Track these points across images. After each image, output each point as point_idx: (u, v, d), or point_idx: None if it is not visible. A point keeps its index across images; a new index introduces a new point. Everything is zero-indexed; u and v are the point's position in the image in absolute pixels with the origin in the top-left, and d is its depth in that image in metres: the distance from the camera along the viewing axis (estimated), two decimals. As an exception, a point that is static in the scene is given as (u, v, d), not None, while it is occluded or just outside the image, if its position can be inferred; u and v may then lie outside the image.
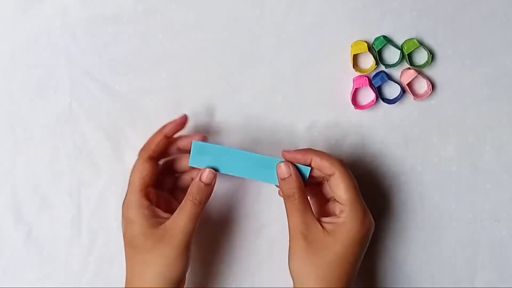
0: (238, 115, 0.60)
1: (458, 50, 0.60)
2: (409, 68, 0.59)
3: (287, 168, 0.53)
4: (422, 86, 0.60)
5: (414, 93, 0.60)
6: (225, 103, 0.60)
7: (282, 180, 0.53)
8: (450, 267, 0.61)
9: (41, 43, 0.59)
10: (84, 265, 0.60)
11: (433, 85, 0.60)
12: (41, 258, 0.60)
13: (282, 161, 0.53)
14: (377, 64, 0.59)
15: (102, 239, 0.60)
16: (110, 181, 0.60)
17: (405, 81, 0.59)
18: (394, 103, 0.60)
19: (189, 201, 0.52)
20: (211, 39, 0.59)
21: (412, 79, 0.59)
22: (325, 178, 0.54)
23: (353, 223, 0.51)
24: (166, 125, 0.55)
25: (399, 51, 0.59)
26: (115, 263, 0.60)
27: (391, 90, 0.60)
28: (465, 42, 0.60)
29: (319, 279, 0.51)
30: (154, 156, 0.54)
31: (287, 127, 0.60)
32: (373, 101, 0.59)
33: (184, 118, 0.55)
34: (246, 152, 0.53)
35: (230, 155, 0.53)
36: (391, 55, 0.60)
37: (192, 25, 0.59)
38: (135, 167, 0.54)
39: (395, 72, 0.60)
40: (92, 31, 0.59)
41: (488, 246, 0.61)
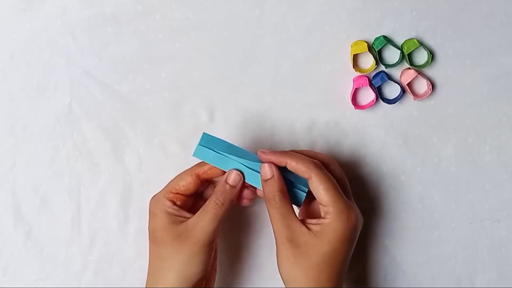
0: (238, 115, 0.60)
1: (458, 50, 0.60)
2: (409, 68, 0.59)
3: (270, 169, 0.52)
4: (422, 86, 0.60)
5: (414, 93, 0.60)
6: (225, 103, 0.60)
7: (265, 181, 0.52)
8: (450, 267, 0.61)
9: (41, 43, 0.59)
10: (84, 265, 0.60)
11: (433, 85, 0.60)
12: (41, 258, 0.60)
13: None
14: (377, 64, 0.59)
15: (102, 239, 0.60)
16: (110, 181, 0.60)
17: (405, 81, 0.59)
18: (394, 103, 0.60)
19: (212, 201, 0.52)
20: (211, 39, 0.59)
21: (412, 79, 0.59)
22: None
23: (339, 223, 0.51)
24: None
25: (399, 51, 0.59)
26: (115, 263, 0.60)
27: (391, 90, 0.60)
28: (465, 42, 0.60)
29: (310, 281, 0.50)
30: (200, 176, 0.54)
31: (287, 127, 0.60)
32: (373, 101, 0.59)
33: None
34: (250, 153, 0.53)
35: (235, 153, 0.53)
36: (391, 55, 0.60)
37: (192, 25, 0.59)
38: (181, 173, 0.54)
39: (395, 72, 0.60)
40: (92, 31, 0.59)
41: (488, 246, 0.61)
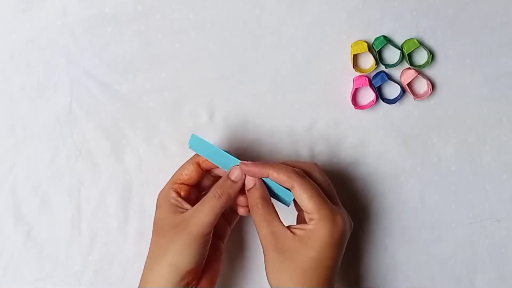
0: (238, 115, 0.60)
1: (458, 50, 0.60)
2: (409, 68, 0.59)
3: (252, 179, 0.53)
4: (422, 86, 0.60)
5: (414, 93, 0.60)
6: (225, 103, 0.60)
7: (248, 191, 0.53)
8: (450, 267, 0.61)
9: (41, 43, 0.59)
10: (84, 265, 0.60)
11: (433, 85, 0.60)
12: (41, 258, 0.60)
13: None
14: (377, 64, 0.59)
15: (102, 239, 0.60)
16: (110, 181, 0.60)
17: (405, 81, 0.59)
18: (394, 103, 0.60)
19: (210, 193, 0.52)
20: (211, 39, 0.59)
21: (412, 79, 0.59)
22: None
23: (323, 229, 0.50)
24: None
25: (399, 51, 0.59)
26: (115, 263, 0.60)
27: (391, 90, 0.60)
28: (465, 42, 0.60)
29: (296, 286, 0.50)
30: (201, 165, 0.55)
31: (287, 127, 0.60)
32: (373, 101, 0.59)
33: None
34: (232, 157, 0.53)
35: (220, 158, 0.53)
36: (391, 55, 0.60)
37: (192, 25, 0.59)
38: (183, 164, 0.55)
39: (395, 72, 0.60)
40: (92, 31, 0.59)
41: (488, 246, 0.61)
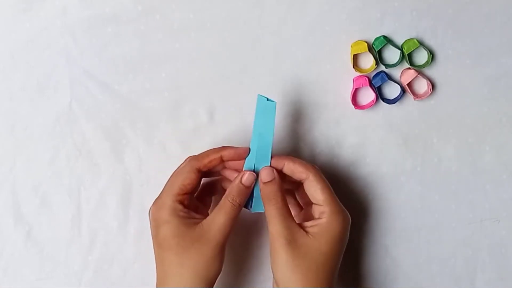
0: (238, 115, 0.60)
1: (458, 50, 0.60)
2: (409, 68, 0.59)
3: (271, 172, 0.53)
4: (422, 86, 0.60)
5: (414, 93, 0.60)
6: (225, 103, 0.60)
7: (264, 184, 0.53)
8: (450, 267, 0.61)
9: (41, 43, 0.59)
10: (84, 265, 0.60)
11: (433, 85, 0.60)
12: (41, 258, 0.60)
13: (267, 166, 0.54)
14: (377, 64, 0.59)
15: (102, 239, 0.60)
16: (110, 181, 0.60)
17: (405, 81, 0.59)
18: (394, 103, 0.60)
19: (228, 202, 0.52)
20: (211, 39, 0.59)
21: (412, 79, 0.59)
22: (299, 184, 0.55)
23: (335, 222, 0.52)
24: (227, 148, 0.54)
25: (399, 51, 0.59)
26: (115, 263, 0.60)
27: (391, 90, 0.60)
28: (465, 42, 0.60)
29: (309, 283, 0.50)
30: (202, 170, 0.54)
31: (287, 127, 0.60)
32: (373, 101, 0.59)
33: (246, 150, 0.54)
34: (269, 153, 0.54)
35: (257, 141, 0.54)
36: (391, 55, 0.60)
37: (192, 25, 0.59)
38: (179, 172, 0.53)
39: (395, 72, 0.60)
40: (92, 31, 0.59)
41: (488, 246, 0.61)
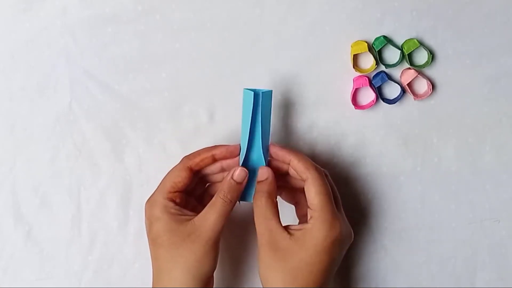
0: (238, 115, 0.60)
1: (458, 50, 0.60)
2: (409, 68, 0.59)
3: (267, 172, 0.53)
4: (422, 86, 0.60)
5: (414, 93, 0.60)
6: (225, 103, 0.60)
7: (259, 182, 0.53)
8: (450, 267, 0.61)
9: (41, 43, 0.59)
10: (84, 265, 0.60)
11: (433, 85, 0.60)
12: (41, 258, 0.60)
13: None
14: (377, 64, 0.59)
15: (102, 239, 0.60)
16: (110, 181, 0.60)
17: (405, 81, 0.59)
18: (394, 103, 0.60)
19: (220, 198, 0.52)
20: (211, 39, 0.59)
21: (412, 79, 0.59)
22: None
23: (319, 230, 0.50)
24: (218, 147, 0.54)
25: (399, 51, 0.59)
26: (115, 263, 0.60)
27: (391, 90, 0.60)
28: (465, 42, 0.60)
29: (285, 285, 0.50)
30: (193, 169, 0.54)
31: (287, 127, 0.60)
32: (373, 101, 0.59)
33: (237, 148, 0.54)
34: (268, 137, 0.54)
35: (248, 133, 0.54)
36: (391, 55, 0.60)
37: (192, 25, 0.59)
38: (171, 171, 0.54)
39: (395, 72, 0.60)
40: (92, 31, 0.59)
41: (488, 246, 0.61)
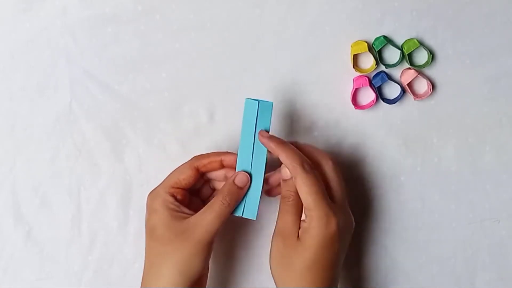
0: (238, 115, 0.60)
1: (458, 50, 0.60)
2: (409, 68, 0.59)
3: (287, 171, 0.53)
4: (422, 86, 0.60)
5: (414, 93, 0.60)
6: (225, 103, 0.60)
7: (284, 181, 0.53)
8: (450, 267, 0.61)
9: (41, 43, 0.59)
10: (84, 265, 0.60)
11: (433, 85, 0.60)
12: (41, 258, 0.60)
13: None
14: (377, 64, 0.59)
15: (102, 239, 0.60)
16: (110, 181, 0.60)
17: (405, 81, 0.59)
18: (394, 103, 0.60)
19: (218, 200, 0.52)
20: (211, 39, 0.59)
21: (412, 79, 0.59)
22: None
23: (316, 228, 0.50)
24: (229, 154, 0.54)
25: (399, 51, 0.59)
26: (115, 263, 0.60)
27: (391, 90, 0.60)
28: (465, 42, 0.60)
29: (294, 283, 0.51)
30: (200, 169, 0.54)
31: (287, 127, 0.60)
32: (373, 101, 0.59)
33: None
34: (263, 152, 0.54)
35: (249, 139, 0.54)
36: (391, 55, 0.60)
37: (192, 25, 0.59)
38: (179, 167, 0.54)
39: (395, 72, 0.60)
40: (92, 31, 0.59)
41: (488, 246, 0.61)
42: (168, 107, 0.60)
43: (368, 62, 0.60)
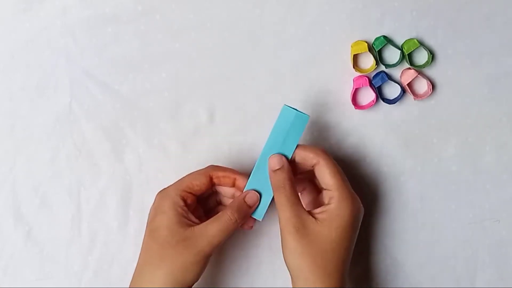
0: (238, 115, 0.60)
1: (458, 50, 0.60)
2: (409, 68, 0.59)
3: (280, 160, 0.53)
4: (422, 86, 0.60)
5: (414, 93, 0.60)
6: (225, 103, 0.60)
7: (273, 172, 0.53)
8: (450, 267, 0.61)
9: (41, 43, 0.59)
10: (84, 265, 0.60)
11: (433, 85, 0.60)
12: (41, 258, 0.60)
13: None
14: (377, 64, 0.59)
15: (102, 239, 0.60)
16: (110, 181, 0.60)
17: (405, 81, 0.59)
18: (394, 103, 0.60)
19: (227, 215, 0.52)
20: (211, 39, 0.59)
21: (412, 79, 0.59)
22: (311, 170, 0.54)
23: (343, 207, 0.51)
24: (243, 176, 0.54)
25: (399, 51, 0.59)
26: (115, 263, 0.60)
27: (391, 90, 0.60)
28: (465, 42, 0.60)
29: (317, 270, 0.50)
30: (213, 180, 0.54)
31: (287, 127, 0.60)
32: (373, 101, 0.59)
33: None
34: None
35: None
36: (391, 55, 0.60)
37: (192, 25, 0.59)
38: (194, 172, 0.54)
39: (395, 72, 0.60)
40: (92, 31, 0.59)
41: (488, 246, 0.61)
42: (168, 107, 0.60)
43: (368, 62, 0.60)
